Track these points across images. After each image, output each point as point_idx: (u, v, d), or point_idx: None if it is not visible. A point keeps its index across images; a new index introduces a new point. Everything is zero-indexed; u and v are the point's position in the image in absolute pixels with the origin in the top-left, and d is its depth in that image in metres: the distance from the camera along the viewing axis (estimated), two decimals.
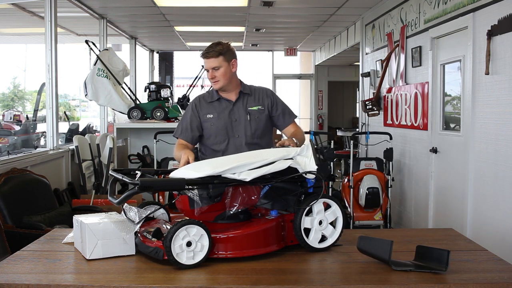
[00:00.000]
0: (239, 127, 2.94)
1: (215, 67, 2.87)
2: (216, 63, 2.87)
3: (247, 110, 2.96)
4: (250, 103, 2.99)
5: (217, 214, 2.10)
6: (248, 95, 3.00)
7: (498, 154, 3.85)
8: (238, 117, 2.95)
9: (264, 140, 3.00)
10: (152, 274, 1.90)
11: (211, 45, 2.89)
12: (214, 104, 2.99)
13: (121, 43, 11.59)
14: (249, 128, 2.94)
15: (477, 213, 4.20)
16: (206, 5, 7.30)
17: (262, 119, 2.97)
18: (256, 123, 2.96)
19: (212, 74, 2.89)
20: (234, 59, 2.94)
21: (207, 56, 2.87)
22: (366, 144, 6.94)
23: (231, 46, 2.94)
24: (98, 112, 8.44)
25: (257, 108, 2.98)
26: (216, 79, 2.90)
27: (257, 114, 2.97)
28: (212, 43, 2.90)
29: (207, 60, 2.88)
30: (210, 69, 2.88)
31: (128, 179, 2.01)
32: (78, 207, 4.87)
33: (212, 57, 2.86)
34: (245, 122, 2.94)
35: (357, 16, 7.95)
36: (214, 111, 2.96)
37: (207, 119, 2.96)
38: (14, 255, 2.14)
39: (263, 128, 2.98)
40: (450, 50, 4.79)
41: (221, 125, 2.93)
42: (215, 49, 2.87)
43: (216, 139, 2.94)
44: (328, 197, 2.22)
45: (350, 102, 15.53)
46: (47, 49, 5.47)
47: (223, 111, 2.96)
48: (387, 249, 1.93)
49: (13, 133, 12.48)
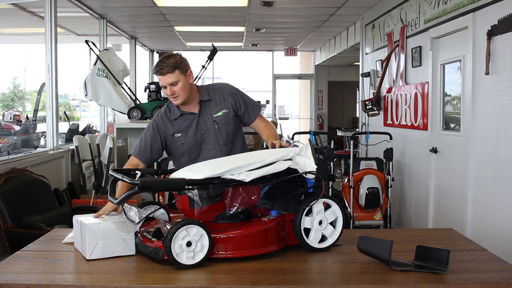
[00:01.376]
0: (209, 139, 2.80)
1: (172, 82, 2.66)
2: (173, 78, 2.65)
3: (213, 118, 2.81)
4: (213, 110, 2.81)
5: (217, 214, 2.10)
6: (209, 101, 2.82)
7: (498, 154, 3.85)
8: (206, 128, 2.80)
9: (237, 141, 2.89)
10: (152, 274, 1.90)
11: (162, 60, 2.68)
12: (179, 121, 2.80)
13: (121, 43, 11.59)
14: (220, 136, 2.81)
15: (477, 213, 4.20)
16: (206, 5, 7.31)
17: (230, 122, 2.83)
18: (226, 128, 2.82)
19: (171, 90, 2.67)
20: (189, 69, 2.74)
21: (162, 73, 2.65)
22: (366, 144, 6.94)
23: (183, 56, 2.75)
24: (98, 112, 8.45)
25: (222, 113, 2.82)
26: (175, 95, 2.69)
27: (223, 119, 2.82)
28: (163, 57, 2.69)
29: (163, 76, 2.66)
30: (168, 85, 2.67)
31: (128, 179, 2.01)
32: (78, 207, 4.87)
33: (168, 72, 2.64)
34: (214, 132, 2.80)
35: (357, 16, 7.95)
36: (181, 129, 2.79)
37: (176, 139, 2.79)
38: (14, 255, 2.14)
39: (233, 130, 2.86)
40: (450, 50, 4.79)
41: (191, 142, 2.79)
42: (169, 63, 2.65)
43: (190, 156, 2.80)
44: (328, 197, 2.22)
45: (350, 102, 15.53)
46: (47, 49, 5.48)
47: (190, 126, 2.79)
48: (387, 249, 1.93)
49: (13, 133, 12.48)
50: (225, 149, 2.82)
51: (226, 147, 2.82)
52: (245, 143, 2.97)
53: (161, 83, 2.70)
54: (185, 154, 2.81)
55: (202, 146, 2.80)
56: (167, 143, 2.81)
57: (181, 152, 2.81)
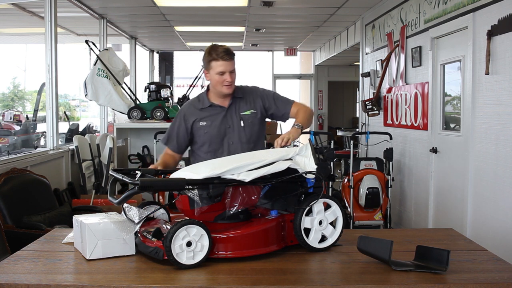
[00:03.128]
0: (233, 134, 2.84)
1: (233, 70, 2.74)
2: (233, 65, 2.74)
3: (240, 116, 2.85)
4: (242, 108, 2.86)
5: (217, 214, 2.10)
6: (240, 99, 2.88)
7: (498, 154, 3.85)
8: (231, 123, 2.84)
9: (259, 143, 2.93)
10: (152, 274, 1.90)
11: (224, 47, 2.72)
12: (206, 111, 2.86)
13: (121, 43, 11.59)
14: (244, 134, 2.84)
15: (477, 213, 4.20)
16: (206, 5, 7.31)
17: (255, 123, 2.87)
18: (250, 128, 2.86)
19: (231, 76, 2.73)
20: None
21: (228, 58, 2.70)
22: (366, 144, 6.94)
23: None
24: (98, 112, 8.45)
25: (249, 113, 2.86)
26: (231, 83, 2.75)
27: (250, 118, 2.86)
28: (220, 45, 2.75)
29: (228, 62, 2.71)
30: (228, 71, 2.72)
31: (128, 179, 2.01)
32: (78, 207, 4.87)
33: (232, 59, 2.72)
34: (239, 129, 2.84)
35: (357, 16, 7.95)
36: (207, 118, 2.84)
37: (200, 127, 2.84)
38: (14, 255, 2.14)
39: (257, 132, 2.89)
40: (450, 50, 4.79)
41: (215, 133, 2.83)
42: (231, 50, 2.72)
43: (210, 147, 2.84)
44: (328, 197, 2.22)
45: (350, 102, 15.53)
46: (47, 49, 5.48)
47: (216, 118, 2.84)
48: (387, 249, 1.93)
49: (13, 133, 12.48)
50: (247, 147, 2.85)
51: (248, 146, 2.86)
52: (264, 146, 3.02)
53: (221, 69, 2.71)
54: (205, 143, 2.86)
55: (224, 139, 2.85)
56: (192, 130, 2.87)
57: (203, 141, 2.86)
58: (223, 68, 2.72)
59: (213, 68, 2.74)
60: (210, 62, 2.74)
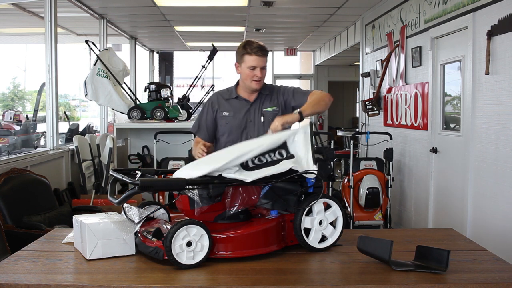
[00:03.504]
0: (252, 129, 2.90)
1: (264, 66, 2.82)
2: (265, 62, 2.82)
3: (262, 112, 2.91)
4: (265, 104, 2.92)
5: (217, 214, 2.10)
6: (266, 95, 2.94)
7: (498, 154, 3.85)
8: (253, 118, 2.90)
9: None
10: (152, 274, 1.90)
11: (259, 43, 2.81)
12: (232, 102, 2.94)
13: (121, 43, 11.59)
14: (262, 129, 2.88)
15: (477, 213, 4.20)
16: (206, 5, 7.31)
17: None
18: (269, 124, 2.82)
19: (261, 73, 2.81)
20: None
21: (261, 54, 2.78)
22: (366, 144, 6.94)
23: None
24: (98, 112, 8.45)
25: (271, 109, 2.91)
26: (261, 79, 2.83)
27: (271, 115, 2.90)
28: (255, 41, 2.82)
29: (260, 58, 2.78)
30: (260, 67, 2.80)
31: (128, 179, 2.01)
32: (78, 207, 4.87)
33: (264, 55, 2.80)
34: (259, 124, 2.89)
35: (357, 16, 7.95)
36: (231, 109, 2.92)
37: (222, 117, 2.92)
38: (14, 255, 2.13)
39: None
40: (450, 50, 4.79)
41: (235, 125, 2.90)
42: (265, 47, 2.80)
43: (229, 137, 2.91)
44: (328, 197, 2.22)
45: (350, 102, 15.53)
46: (47, 49, 5.48)
47: (240, 110, 2.91)
48: (387, 249, 1.93)
49: (13, 133, 12.48)
50: None
51: None
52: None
53: (253, 64, 2.78)
54: (225, 133, 2.93)
55: (243, 132, 2.90)
56: (216, 118, 2.94)
57: (223, 131, 2.93)
58: (255, 63, 2.79)
59: (246, 62, 2.81)
60: (244, 55, 2.82)
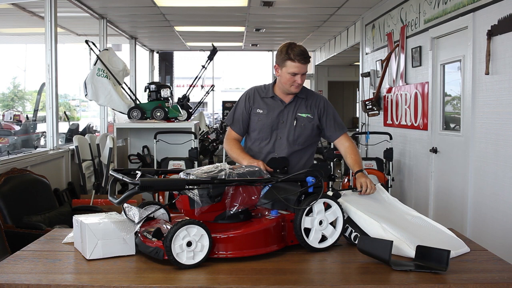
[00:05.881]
0: (283, 130, 2.89)
1: (305, 73, 2.81)
2: (306, 69, 2.80)
3: (296, 115, 2.90)
4: (301, 109, 2.91)
5: (217, 214, 2.10)
6: (302, 99, 2.92)
7: (498, 154, 3.85)
8: (285, 119, 2.89)
9: (307, 148, 2.95)
10: (152, 274, 1.90)
11: (302, 48, 2.77)
12: (267, 101, 2.92)
13: (121, 43, 11.59)
14: (293, 133, 2.88)
15: (477, 213, 4.20)
16: (206, 5, 7.31)
17: (308, 127, 2.90)
18: (301, 130, 2.89)
19: (302, 79, 2.80)
20: None
21: (304, 62, 2.76)
22: (366, 144, 6.94)
23: None
24: (98, 112, 8.45)
25: (306, 116, 2.90)
26: (301, 85, 2.83)
27: (305, 121, 2.90)
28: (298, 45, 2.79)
29: (303, 65, 2.76)
30: (300, 74, 2.78)
31: (128, 179, 2.01)
32: (78, 207, 4.87)
33: (307, 63, 2.78)
34: (290, 127, 2.88)
35: (357, 16, 7.95)
36: (265, 107, 2.91)
37: (256, 113, 2.91)
38: (14, 255, 2.13)
39: (307, 136, 2.91)
40: (450, 50, 4.79)
41: (267, 123, 2.89)
42: (308, 54, 2.77)
43: (259, 135, 2.91)
44: (329, 197, 2.22)
45: (350, 102, 15.53)
46: (47, 49, 5.48)
47: (274, 110, 2.90)
48: (387, 249, 1.93)
49: (13, 133, 12.48)
50: (292, 147, 2.89)
51: (293, 146, 2.89)
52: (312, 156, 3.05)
53: (295, 70, 2.76)
54: (256, 130, 2.93)
55: (273, 132, 2.90)
56: (250, 114, 2.94)
57: (254, 127, 2.93)
58: (297, 70, 2.76)
59: (287, 67, 2.78)
60: (286, 61, 2.78)
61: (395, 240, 2.06)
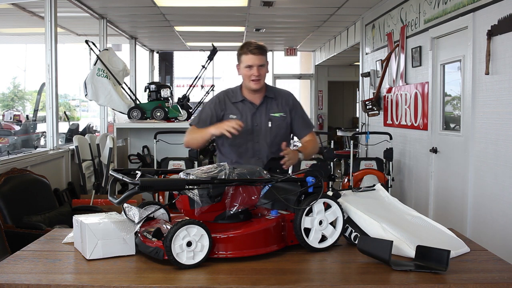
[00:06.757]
0: (259, 133, 2.87)
1: (261, 64, 2.79)
2: (262, 60, 2.78)
3: (269, 116, 2.88)
4: (273, 109, 2.90)
5: (217, 214, 2.10)
6: (272, 99, 2.91)
7: (498, 154, 3.85)
8: (259, 122, 2.88)
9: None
10: (152, 274, 1.90)
11: (257, 43, 2.79)
12: (238, 105, 2.90)
13: (121, 43, 11.60)
14: (269, 134, 2.87)
15: (477, 213, 4.20)
16: (206, 5, 7.31)
17: (282, 126, 2.91)
18: (277, 130, 2.89)
19: (258, 71, 2.77)
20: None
21: (257, 53, 2.76)
22: (366, 144, 6.94)
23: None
24: (98, 112, 8.45)
25: (279, 115, 2.90)
26: (259, 77, 2.80)
27: (279, 121, 2.89)
28: (251, 41, 2.82)
29: (256, 56, 2.76)
30: (256, 66, 2.77)
31: (128, 179, 2.01)
32: (78, 207, 4.87)
33: (261, 54, 2.77)
34: (266, 128, 2.87)
35: (357, 16, 7.95)
36: (238, 112, 2.88)
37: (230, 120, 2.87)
38: (14, 255, 2.13)
39: (282, 135, 2.91)
40: (450, 50, 4.79)
41: (243, 129, 2.83)
42: (261, 45, 2.78)
43: (236, 141, 2.86)
44: (328, 197, 2.22)
45: (350, 102, 15.53)
46: (47, 49, 5.48)
47: (246, 114, 2.88)
48: (387, 249, 1.93)
49: (13, 133, 12.48)
50: (270, 148, 2.88)
51: (271, 148, 2.88)
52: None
53: (249, 63, 2.77)
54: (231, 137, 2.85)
55: (249, 136, 2.88)
56: (222, 120, 2.89)
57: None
58: (251, 61, 2.77)
59: (243, 61, 2.80)
60: (241, 55, 2.81)
61: (395, 240, 2.06)
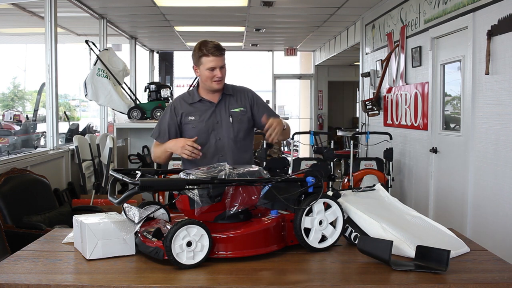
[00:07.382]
0: (221, 130, 2.86)
1: (223, 65, 2.79)
2: (224, 61, 2.79)
3: (230, 112, 2.88)
4: (232, 105, 2.90)
5: (217, 214, 2.10)
6: (230, 96, 2.91)
7: (498, 154, 3.85)
8: (220, 119, 2.87)
9: (246, 142, 2.94)
10: (152, 274, 1.90)
11: (214, 43, 2.78)
12: (196, 106, 2.88)
13: (121, 43, 11.59)
14: (232, 130, 2.87)
15: (477, 213, 4.20)
16: (206, 5, 7.31)
17: (244, 121, 2.90)
18: (239, 124, 2.88)
19: (221, 73, 2.77)
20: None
21: (219, 54, 2.75)
22: (366, 144, 6.94)
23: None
24: (98, 112, 8.45)
25: (239, 110, 2.89)
26: (222, 78, 2.80)
27: (239, 116, 2.89)
28: (210, 41, 2.79)
29: (218, 58, 2.75)
30: (219, 67, 2.76)
31: (128, 179, 2.01)
32: (78, 207, 4.87)
33: (222, 55, 2.76)
34: (227, 124, 2.87)
35: (357, 16, 7.95)
36: (196, 113, 2.86)
37: (188, 121, 2.86)
38: (14, 255, 2.13)
39: (245, 130, 2.92)
40: (450, 50, 4.79)
41: (203, 128, 2.85)
42: (221, 46, 2.77)
43: (198, 141, 2.81)
44: (328, 197, 2.22)
45: (350, 102, 15.53)
46: (47, 49, 5.48)
47: (205, 113, 2.86)
48: (387, 249, 1.93)
49: (13, 133, 12.48)
50: (234, 143, 2.88)
51: (235, 142, 2.88)
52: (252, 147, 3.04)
53: (211, 64, 2.75)
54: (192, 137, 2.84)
55: (211, 134, 2.86)
56: (181, 124, 2.89)
57: (190, 135, 2.85)
58: (214, 63, 2.75)
59: (204, 64, 2.77)
60: (201, 57, 2.78)
61: (395, 240, 2.06)
